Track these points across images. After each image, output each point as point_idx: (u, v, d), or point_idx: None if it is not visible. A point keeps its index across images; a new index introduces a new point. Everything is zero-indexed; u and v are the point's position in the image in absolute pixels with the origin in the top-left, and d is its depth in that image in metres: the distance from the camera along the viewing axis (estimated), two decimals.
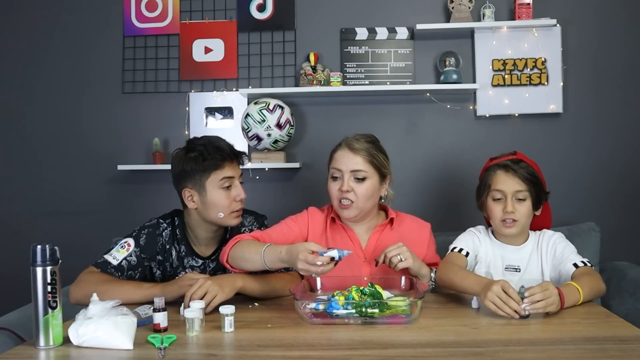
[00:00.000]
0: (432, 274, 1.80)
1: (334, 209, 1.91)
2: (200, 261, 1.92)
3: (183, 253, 1.91)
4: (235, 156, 1.89)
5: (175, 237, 1.92)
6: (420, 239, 1.94)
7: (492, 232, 1.92)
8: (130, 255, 1.84)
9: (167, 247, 1.90)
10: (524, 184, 1.80)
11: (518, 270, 1.84)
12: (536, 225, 1.92)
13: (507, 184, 1.81)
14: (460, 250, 1.85)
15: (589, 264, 1.75)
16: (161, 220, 1.93)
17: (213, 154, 1.84)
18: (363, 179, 1.84)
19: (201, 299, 1.53)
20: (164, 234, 1.91)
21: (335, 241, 1.91)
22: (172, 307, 1.54)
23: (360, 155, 1.85)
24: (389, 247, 1.73)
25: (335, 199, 1.87)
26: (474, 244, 1.89)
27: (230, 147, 1.91)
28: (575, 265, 1.73)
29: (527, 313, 1.45)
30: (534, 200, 1.82)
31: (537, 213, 1.87)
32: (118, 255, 1.83)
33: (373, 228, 1.94)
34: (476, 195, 1.93)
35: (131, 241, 1.86)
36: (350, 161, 1.84)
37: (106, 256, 1.83)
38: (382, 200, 1.96)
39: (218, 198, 1.83)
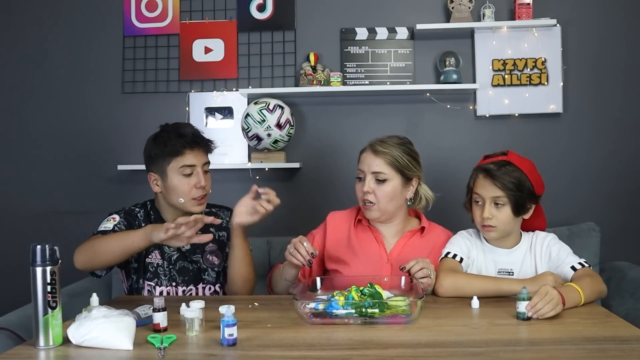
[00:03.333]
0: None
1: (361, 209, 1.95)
2: None
3: None
4: (197, 144, 1.91)
5: (149, 219, 1.97)
6: (443, 245, 1.92)
7: (484, 236, 1.89)
8: (118, 224, 1.90)
9: (143, 225, 1.95)
10: (502, 190, 1.76)
11: (511, 273, 1.82)
12: (529, 227, 1.89)
13: (486, 189, 1.79)
14: (455, 256, 1.83)
15: (586, 265, 1.74)
16: (132, 207, 2.00)
17: (174, 140, 1.89)
18: (384, 181, 1.87)
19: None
20: (138, 215, 1.98)
21: (360, 240, 1.94)
22: (172, 307, 1.54)
23: (380, 158, 1.87)
24: (418, 258, 1.70)
25: (359, 200, 1.92)
26: (467, 247, 1.87)
27: (195, 134, 1.93)
28: (573, 268, 1.72)
29: (529, 315, 1.45)
30: (515, 206, 1.77)
31: (526, 217, 1.83)
32: (108, 225, 1.89)
33: (401, 232, 1.96)
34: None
35: (115, 215, 1.94)
36: (372, 163, 1.88)
37: (100, 229, 1.89)
38: (409, 204, 1.96)
39: (177, 184, 1.89)
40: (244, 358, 1.25)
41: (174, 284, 1.94)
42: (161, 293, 1.93)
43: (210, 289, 1.98)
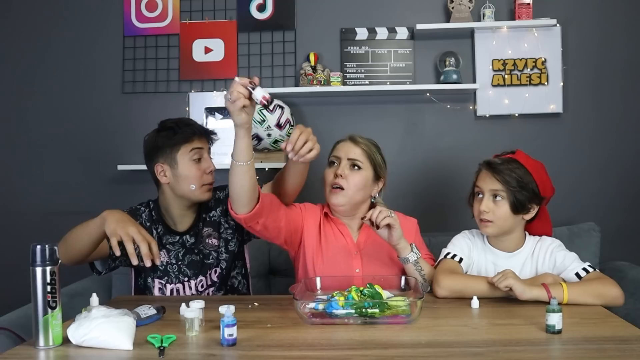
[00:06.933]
0: (414, 252, 1.78)
1: (326, 199, 1.96)
2: (177, 237, 1.99)
3: (161, 232, 1.99)
4: (203, 133, 1.99)
5: (152, 219, 1.99)
6: (407, 231, 1.93)
7: (487, 237, 1.87)
8: None
9: (148, 224, 1.98)
10: (502, 184, 1.75)
11: None
12: (534, 231, 1.87)
13: (486, 182, 1.79)
14: (454, 256, 1.82)
15: (591, 269, 1.71)
16: (138, 206, 2.03)
17: (184, 128, 1.95)
18: (359, 168, 1.91)
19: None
20: (143, 215, 2.00)
21: (327, 236, 1.96)
22: (172, 307, 1.54)
23: (359, 147, 1.94)
24: (376, 206, 1.79)
25: (328, 185, 1.94)
26: (468, 248, 1.86)
27: (200, 125, 2.02)
28: (577, 275, 1.69)
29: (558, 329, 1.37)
30: (514, 203, 1.75)
31: (527, 217, 1.81)
32: None
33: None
34: None
35: None
36: (350, 150, 1.94)
37: None
38: (373, 200, 2.00)
39: (189, 170, 1.92)
40: (244, 358, 1.25)
41: (185, 279, 1.96)
42: (172, 291, 1.95)
43: (215, 272, 1.99)
